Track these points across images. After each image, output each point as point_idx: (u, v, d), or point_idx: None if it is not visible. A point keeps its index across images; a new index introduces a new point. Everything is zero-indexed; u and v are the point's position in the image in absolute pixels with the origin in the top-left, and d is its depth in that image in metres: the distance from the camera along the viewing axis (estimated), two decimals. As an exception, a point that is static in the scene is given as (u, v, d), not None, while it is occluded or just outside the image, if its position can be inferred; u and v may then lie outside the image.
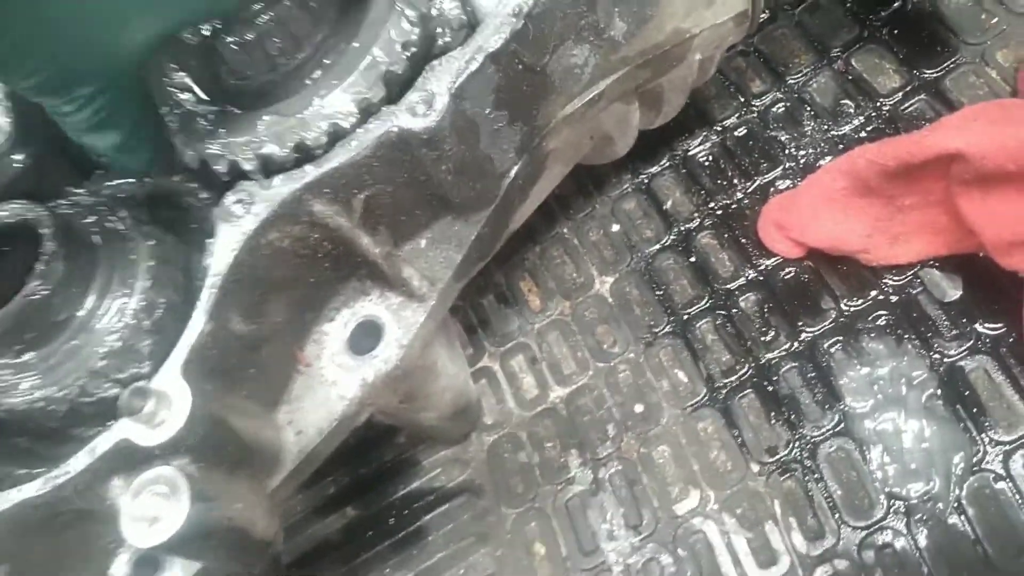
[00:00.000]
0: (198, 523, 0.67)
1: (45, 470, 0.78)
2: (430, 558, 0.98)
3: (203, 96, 0.82)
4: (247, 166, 0.77)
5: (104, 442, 0.68)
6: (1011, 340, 0.88)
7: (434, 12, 0.82)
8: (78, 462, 0.69)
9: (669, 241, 1.06)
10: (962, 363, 0.89)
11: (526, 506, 0.97)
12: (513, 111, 0.82)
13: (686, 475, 0.93)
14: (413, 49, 0.78)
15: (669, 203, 1.08)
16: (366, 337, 0.84)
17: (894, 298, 0.94)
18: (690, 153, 1.10)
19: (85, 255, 0.78)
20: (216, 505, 0.70)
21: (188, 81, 0.83)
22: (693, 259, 1.04)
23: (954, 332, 0.91)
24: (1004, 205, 0.83)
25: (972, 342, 0.90)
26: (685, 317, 1.01)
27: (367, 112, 0.76)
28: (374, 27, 0.78)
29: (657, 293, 1.03)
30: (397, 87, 0.77)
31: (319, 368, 0.84)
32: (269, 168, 0.77)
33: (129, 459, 0.69)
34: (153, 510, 0.67)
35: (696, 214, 1.06)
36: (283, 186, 0.75)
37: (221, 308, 0.73)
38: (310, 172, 0.75)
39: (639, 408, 0.98)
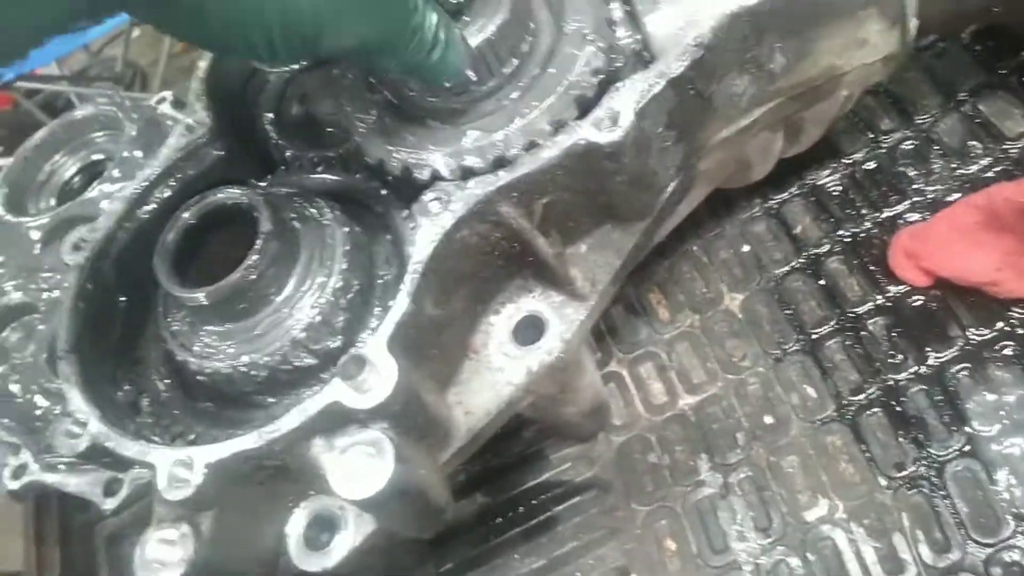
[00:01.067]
0: (397, 482, 0.75)
1: (242, 430, 0.87)
2: (560, 547, 1.04)
3: (402, 110, 0.91)
4: (448, 175, 0.85)
5: (315, 403, 0.77)
6: None
7: (616, 42, 0.90)
8: (291, 419, 0.77)
9: (798, 264, 1.12)
10: (1090, 394, 0.93)
11: (656, 504, 1.03)
12: (680, 132, 0.90)
13: (814, 484, 0.98)
14: (602, 76, 0.86)
15: (799, 228, 1.14)
16: (529, 330, 0.91)
17: (1020, 331, 0.99)
18: (819, 183, 1.16)
19: (291, 237, 0.87)
20: (411, 467, 0.78)
21: (387, 95, 0.93)
22: (822, 282, 1.09)
23: (1081, 365, 0.95)
24: None
25: (1099, 376, 0.93)
26: (814, 336, 1.06)
27: (561, 126, 0.84)
28: (568, 56, 0.86)
29: (786, 312, 1.09)
30: (585, 107, 0.85)
31: (486, 355, 0.91)
32: (466, 176, 0.85)
33: (334, 420, 0.77)
34: (360, 467, 0.75)
35: (825, 240, 1.12)
36: (477, 188, 0.83)
37: (420, 292, 0.81)
38: (502, 177, 0.83)
39: (768, 419, 1.03)
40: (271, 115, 1.11)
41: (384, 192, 0.96)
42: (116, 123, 1.50)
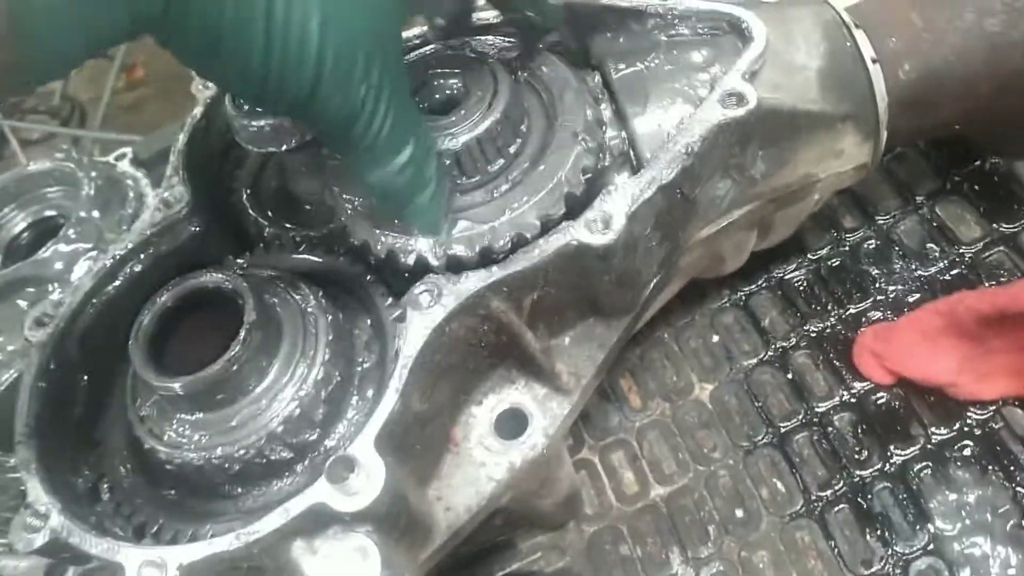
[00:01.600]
0: (382, 588, 0.72)
1: (211, 526, 0.84)
2: (529, 644, 1.02)
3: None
4: (434, 262, 0.85)
5: (298, 504, 0.74)
6: (1091, 479, 0.96)
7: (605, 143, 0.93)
8: (272, 521, 0.74)
9: (766, 356, 1.14)
10: (1044, 499, 0.97)
11: (627, 599, 1.02)
12: (665, 232, 0.92)
13: (784, 580, 0.99)
14: (590, 174, 0.88)
15: (766, 321, 1.17)
16: (511, 423, 0.91)
17: (978, 431, 1.03)
18: (786, 277, 1.20)
19: (273, 326, 0.85)
20: (396, 573, 0.75)
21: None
22: (790, 375, 1.12)
23: (1036, 467, 0.99)
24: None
25: (1054, 479, 0.98)
26: (783, 430, 1.08)
27: (547, 226, 0.85)
28: (559, 153, 0.88)
29: (756, 404, 1.11)
30: (575, 206, 0.87)
31: (467, 448, 0.90)
32: (452, 266, 0.85)
33: (317, 522, 0.75)
34: (340, 574, 0.73)
35: (792, 334, 1.15)
36: (469, 283, 0.83)
37: (409, 387, 0.80)
38: (495, 273, 0.84)
39: (739, 513, 1.04)
40: (248, 191, 1.09)
41: (368, 277, 0.95)
42: (72, 179, 1.46)
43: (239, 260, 1.01)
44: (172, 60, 0.68)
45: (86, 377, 0.95)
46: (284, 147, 0.94)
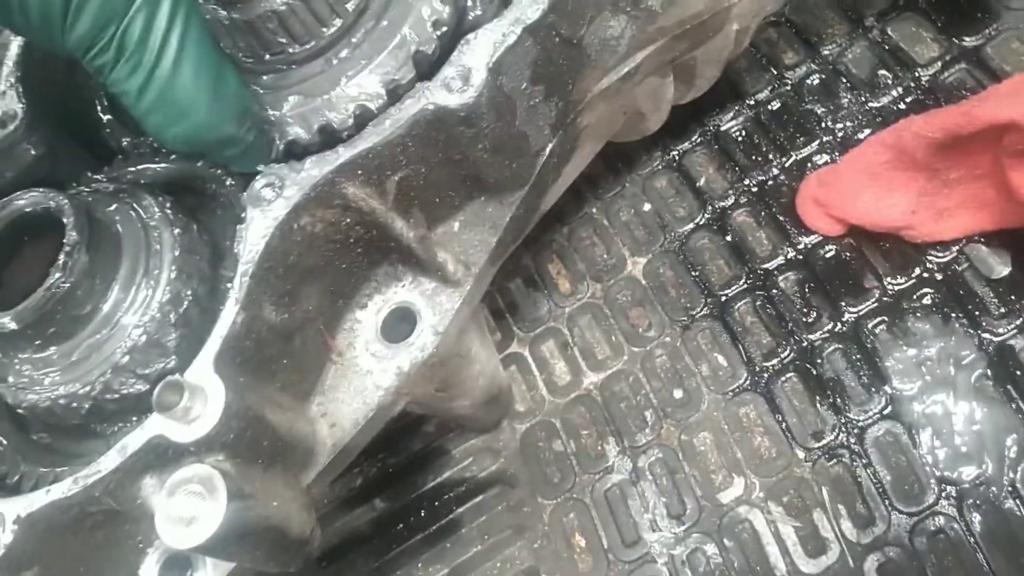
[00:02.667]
0: (235, 522, 0.64)
1: (70, 469, 0.76)
2: (465, 552, 0.96)
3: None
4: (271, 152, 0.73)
5: (135, 439, 0.65)
6: (1064, 316, 0.85)
7: (467, -14, 0.78)
8: (109, 461, 0.66)
9: (703, 220, 1.02)
10: (1012, 342, 0.87)
11: (563, 496, 0.94)
12: (549, 86, 0.79)
13: (729, 462, 0.91)
14: (444, 28, 0.74)
15: (702, 180, 1.04)
16: (400, 324, 0.81)
17: (939, 276, 0.92)
18: (722, 128, 1.06)
19: (109, 245, 0.75)
20: (253, 503, 0.67)
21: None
22: (729, 238, 1.00)
23: (1003, 310, 0.88)
24: (1061, 176, 0.80)
25: (1022, 320, 0.87)
26: (723, 299, 0.98)
27: (395, 93, 0.73)
28: (404, 4, 0.74)
29: (693, 274, 1.00)
30: (427, 66, 0.74)
31: (352, 357, 0.81)
32: (293, 151, 0.74)
33: (162, 456, 0.66)
34: (189, 510, 0.64)
35: (731, 191, 1.03)
36: (314, 168, 0.71)
37: (253, 297, 0.69)
38: (342, 154, 0.71)
39: (678, 394, 0.95)
40: (105, 101, 0.97)
41: (229, 181, 0.84)
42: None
43: (97, 176, 0.90)
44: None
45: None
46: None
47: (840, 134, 1.01)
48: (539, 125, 0.81)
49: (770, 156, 1.03)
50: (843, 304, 0.93)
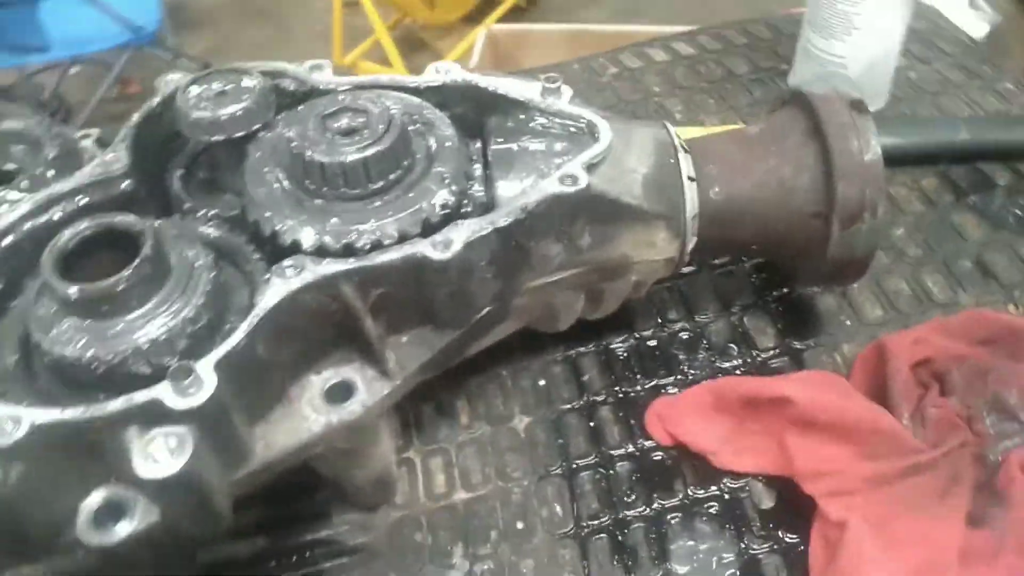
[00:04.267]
0: (188, 476, 0.90)
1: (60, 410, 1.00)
2: (320, 599, 1.17)
3: (286, 185, 1.13)
4: (306, 247, 1.07)
5: (141, 396, 0.92)
6: (800, 550, 1.17)
7: (469, 191, 1.17)
8: (116, 404, 0.92)
9: (578, 405, 1.35)
10: (760, 557, 1.17)
11: None
12: (498, 269, 1.14)
13: (541, 586, 1.17)
14: (448, 211, 1.11)
15: (586, 377, 1.39)
16: (340, 392, 1.10)
17: (727, 496, 1.24)
18: (611, 346, 1.42)
19: (163, 267, 1.05)
20: (203, 467, 0.93)
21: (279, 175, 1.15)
22: (592, 424, 1.33)
23: (762, 533, 1.20)
24: (813, 444, 1.16)
25: (771, 544, 1.18)
26: (574, 466, 1.28)
27: (403, 238, 1.08)
28: (428, 188, 1.11)
29: (559, 441, 1.31)
30: (427, 229, 1.09)
31: (298, 405, 1.09)
32: (320, 252, 1.07)
33: (151, 416, 0.93)
34: (159, 455, 0.90)
35: (603, 391, 1.37)
36: (329, 267, 1.05)
37: (255, 332, 1.00)
38: (351, 263, 1.05)
39: (520, 525, 1.22)
40: (181, 173, 1.31)
41: (257, 256, 1.15)
42: (37, 143, 1.66)
43: (158, 221, 1.21)
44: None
45: (2, 283, 1.13)
46: (216, 137, 1.17)
47: (692, 377, 1.37)
48: (484, 292, 1.16)
49: (638, 376, 1.38)
50: (655, 495, 1.24)
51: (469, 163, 1.19)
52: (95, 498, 0.99)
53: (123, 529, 0.96)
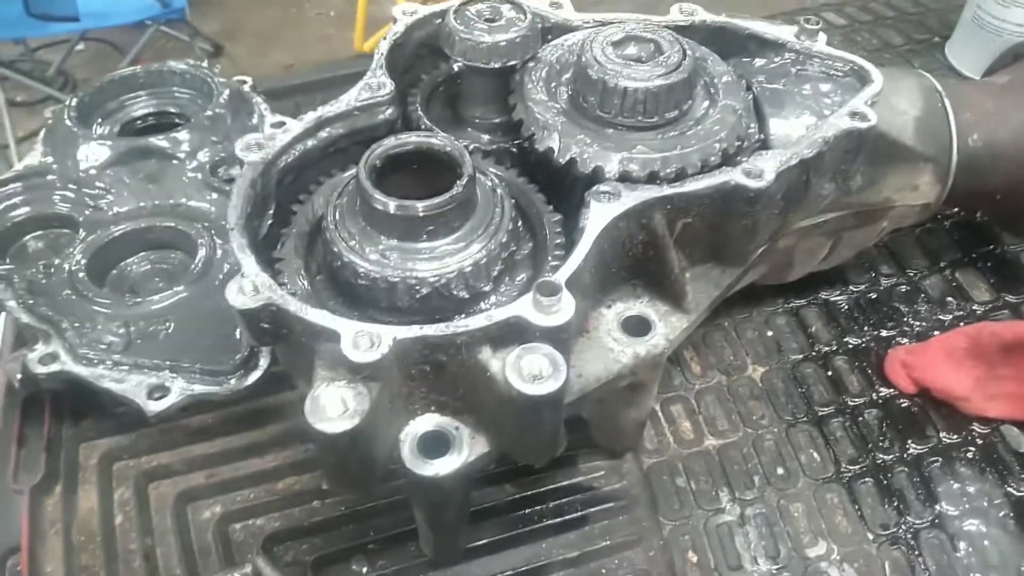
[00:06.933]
0: (560, 392, 0.85)
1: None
2: (589, 544, 1.13)
3: (573, 115, 1.10)
4: (610, 174, 1.03)
5: (502, 313, 0.88)
6: (1067, 492, 1.17)
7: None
8: (476, 322, 0.88)
9: (811, 355, 1.34)
10: (1028, 500, 1.17)
11: (681, 521, 1.15)
12: (785, 205, 1.13)
13: (815, 528, 1.15)
14: (741, 142, 1.08)
15: (813, 328, 1.38)
16: (637, 326, 1.06)
17: (980, 441, 1.23)
18: (831, 300, 1.42)
19: (476, 192, 1.00)
20: (568, 386, 0.88)
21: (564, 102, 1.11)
22: (829, 373, 1.32)
23: (1023, 476, 1.20)
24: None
25: (1036, 487, 1.18)
26: (820, 414, 1.27)
27: (706, 166, 1.05)
28: (722, 120, 1.08)
29: (800, 390, 1.29)
30: (727, 161, 1.06)
31: (597, 336, 1.05)
32: (623, 180, 1.03)
33: (508, 334, 0.88)
34: (538, 371, 0.85)
35: (833, 342, 1.36)
36: (644, 192, 1.01)
37: (589, 253, 0.96)
38: (666, 190, 1.02)
39: (780, 471, 1.20)
40: (421, 104, 1.25)
41: (537, 192, 1.10)
42: (202, 86, 1.59)
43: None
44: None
45: (273, 206, 1.07)
46: (493, 63, 1.13)
47: (917, 329, 1.37)
48: (768, 227, 1.14)
49: (864, 328, 1.37)
50: (909, 441, 1.23)
51: (745, 97, 1.17)
52: (423, 424, 0.95)
53: (452, 461, 0.91)
